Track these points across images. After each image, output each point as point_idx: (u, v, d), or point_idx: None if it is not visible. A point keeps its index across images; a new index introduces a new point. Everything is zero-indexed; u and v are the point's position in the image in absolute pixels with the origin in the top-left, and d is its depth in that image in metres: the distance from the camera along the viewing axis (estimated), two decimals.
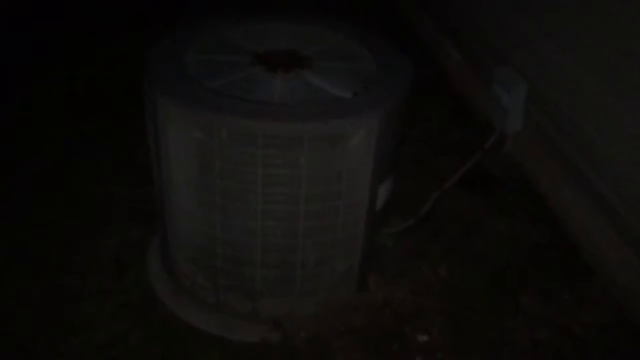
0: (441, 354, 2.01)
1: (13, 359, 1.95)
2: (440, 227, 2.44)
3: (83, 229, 2.36)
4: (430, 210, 2.44)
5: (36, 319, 2.03)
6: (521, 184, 2.67)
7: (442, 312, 2.12)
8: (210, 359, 1.95)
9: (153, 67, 1.83)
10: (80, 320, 2.03)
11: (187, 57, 1.90)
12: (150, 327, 2.03)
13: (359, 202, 1.85)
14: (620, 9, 2.16)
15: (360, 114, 1.71)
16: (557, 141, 2.54)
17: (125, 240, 2.33)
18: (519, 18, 2.79)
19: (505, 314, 2.14)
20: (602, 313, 2.15)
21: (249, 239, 1.82)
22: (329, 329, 2.02)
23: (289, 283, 1.94)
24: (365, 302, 2.11)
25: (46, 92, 3.15)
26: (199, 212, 1.84)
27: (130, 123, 2.90)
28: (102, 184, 2.59)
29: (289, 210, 1.77)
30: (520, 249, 2.39)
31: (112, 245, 2.31)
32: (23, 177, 2.60)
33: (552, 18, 2.54)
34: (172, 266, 2.08)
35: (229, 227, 1.82)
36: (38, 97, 3.12)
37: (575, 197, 2.44)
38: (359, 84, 1.83)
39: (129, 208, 2.47)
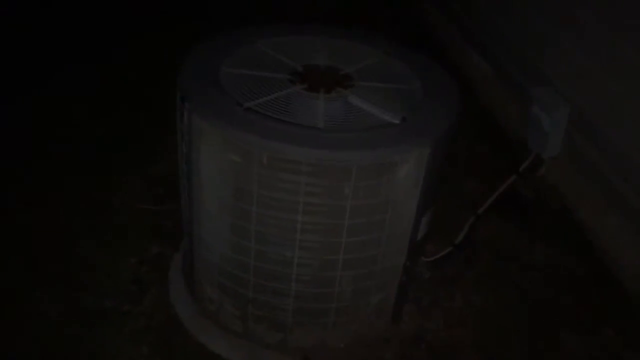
0: None
1: None
2: (475, 255, 2.33)
3: (100, 246, 2.24)
4: (465, 237, 2.33)
5: (52, 342, 1.92)
6: (558, 210, 2.55)
7: (477, 346, 2.02)
8: None
9: (185, 82, 1.71)
10: (98, 344, 1.93)
11: (221, 71, 1.78)
12: (171, 353, 1.92)
13: (401, 233, 1.74)
14: None
15: (411, 142, 1.60)
16: (598, 166, 2.42)
17: (145, 259, 2.22)
18: (557, 30, 2.66)
19: (544, 350, 2.03)
20: None
21: (284, 269, 1.71)
22: None
23: (322, 315, 1.83)
24: (398, 334, 2.01)
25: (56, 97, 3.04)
26: (231, 238, 1.72)
27: (146, 129, 2.81)
28: (119, 197, 2.47)
29: (329, 241, 1.65)
30: (558, 279, 2.28)
31: (131, 264, 2.19)
32: (36, 188, 2.48)
33: (598, 32, 2.41)
34: (197, 289, 1.98)
35: (263, 256, 1.71)
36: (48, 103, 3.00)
37: (617, 226, 2.32)
38: (405, 107, 1.71)
39: (149, 224, 2.35)
